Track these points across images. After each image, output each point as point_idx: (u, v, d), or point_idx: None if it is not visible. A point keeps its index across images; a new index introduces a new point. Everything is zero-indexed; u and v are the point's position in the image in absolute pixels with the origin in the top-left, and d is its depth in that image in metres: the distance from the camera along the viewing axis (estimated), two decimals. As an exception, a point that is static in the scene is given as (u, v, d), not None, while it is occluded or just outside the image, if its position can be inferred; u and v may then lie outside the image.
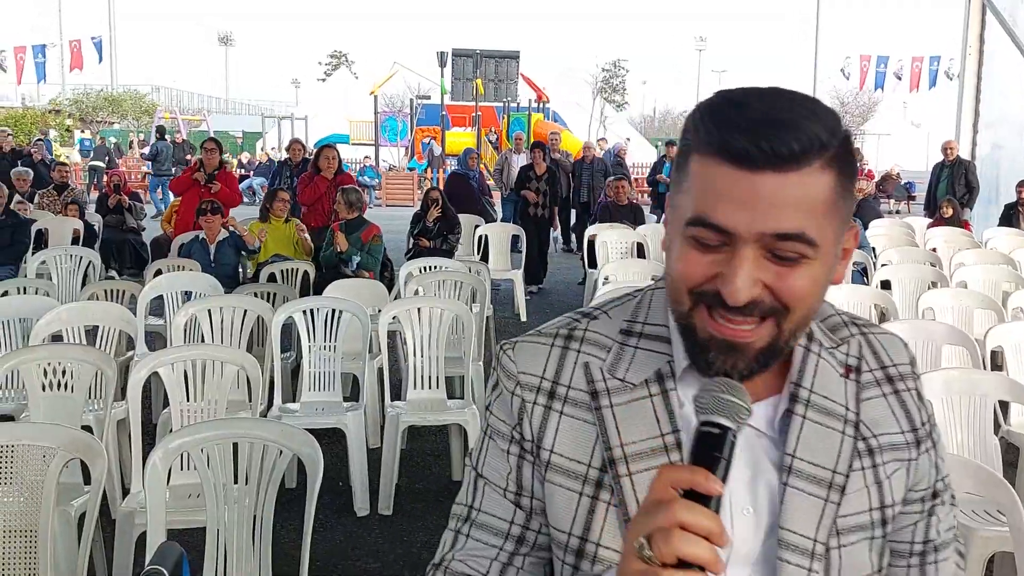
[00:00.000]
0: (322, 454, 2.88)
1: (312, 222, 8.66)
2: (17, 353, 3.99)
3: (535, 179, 10.94)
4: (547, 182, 10.92)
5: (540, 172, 10.99)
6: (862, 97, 45.16)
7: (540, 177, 10.95)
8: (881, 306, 5.98)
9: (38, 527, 2.90)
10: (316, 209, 8.94)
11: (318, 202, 8.91)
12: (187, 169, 9.63)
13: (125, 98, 42.36)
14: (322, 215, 8.83)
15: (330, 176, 9.01)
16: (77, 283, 7.22)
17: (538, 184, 10.87)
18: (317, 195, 8.90)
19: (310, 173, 9.09)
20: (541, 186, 10.87)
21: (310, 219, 8.73)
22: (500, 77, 29.51)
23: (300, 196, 8.99)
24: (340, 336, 5.01)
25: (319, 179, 8.96)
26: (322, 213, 8.85)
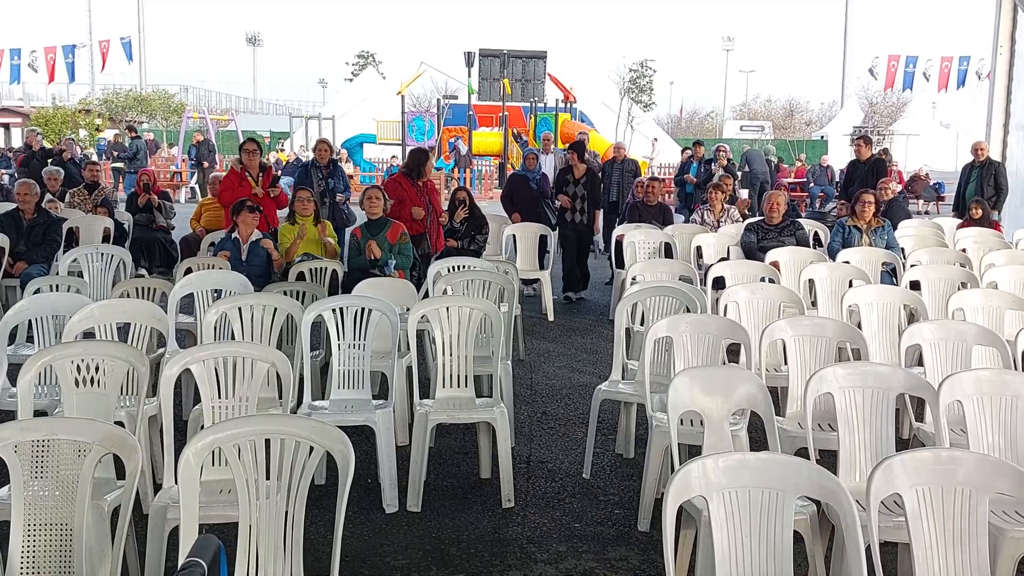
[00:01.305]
0: (352, 449, 2.92)
1: (410, 230, 7.97)
2: (51, 350, 4.04)
3: (572, 183, 10.13)
4: (585, 186, 10.11)
5: (578, 175, 10.15)
6: (891, 97, 44.74)
7: (578, 181, 10.13)
8: (911, 307, 5.94)
9: (72, 521, 2.95)
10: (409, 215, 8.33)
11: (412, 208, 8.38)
12: (232, 176, 9.26)
13: (154, 98, 42.74)
14: (419, 223, 8.35)
15: (422, 181, 8.58)
16: (108, 281, 7.30)
17: (575, 188, 10.09)
18: (419, 203, 8.37)
19: (400, 177, 8.60)
20: (579, 190, 10.08)
21: (409, 228, 8.01)
22: (527, 77, 29.52)
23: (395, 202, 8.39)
24: (369, 334, 5.04)
25: (409, 183, 8.46)
26: (420, 221, 8.36)
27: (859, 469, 3.72)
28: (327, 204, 9.84)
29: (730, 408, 3.83)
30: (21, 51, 35.88)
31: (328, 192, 9.97)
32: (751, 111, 67.24)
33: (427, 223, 8.42)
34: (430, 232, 8.52)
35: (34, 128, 19.72)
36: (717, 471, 2.68)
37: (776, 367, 5.46)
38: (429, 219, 8.45)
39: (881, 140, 34.22)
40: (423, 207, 8.37)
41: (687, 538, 3.75)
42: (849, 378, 3.79)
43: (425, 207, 8.37)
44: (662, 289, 5.73)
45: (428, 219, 8.44)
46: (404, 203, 8.36)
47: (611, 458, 5.43)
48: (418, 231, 8.24)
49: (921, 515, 2.73)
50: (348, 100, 41.04)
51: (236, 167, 9.28)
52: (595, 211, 10.25)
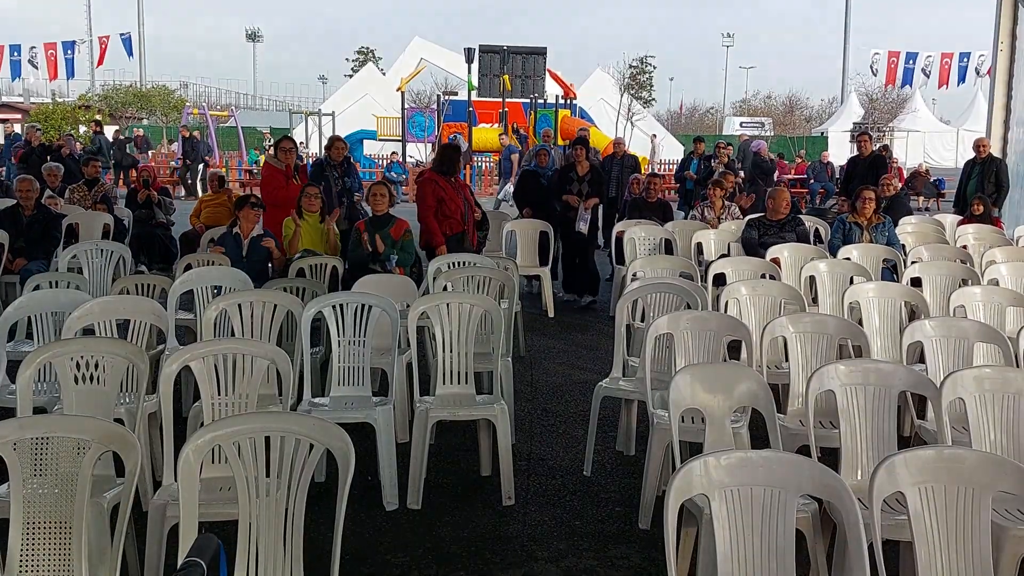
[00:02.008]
0: (353, 446, 2.90)
1: (447, 228, 7.91)
2: (50, 346, 4.03)
3: (576, 180, 9.69)
4: (590, 183, 9.70)
5: (582, 172, 9.72)
6: (891, 93, 44.69)
7: (582, 178, 9.70)
8: (912, 303, 5.93)
9: (72, 519, 2.94)
10: (453, 214, 7.98)
11: (456, 207, 8.00)
12: (278, 174, 8.78)
13: (153, 94, 42.70)
14: (459, 221, 8.01)
15: (455, 177, 8.23)
16: (108, 277, 7.28)
17: (580, 186, 9.65)
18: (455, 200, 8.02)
19: (434, 176, 8.12)
20: (583, 188, 9.64)
21: (445, 226, 7.90)
22: (527, 73, 29.46)
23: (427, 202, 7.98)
24: (369, 331, 5.03)
25: (445, 181, 8.02)
26: (459, 219, 8.02)
27: (861, 467, 3.71)
28: (344, 204, 9.46)
29: (731, 405, 3.82)
30: (21, 47, 35.89)
31: (345, 191, 9.58)
32: (751, 107, 67.22)
33: (465, 221, 8.06)
34: (468, 229, 8.15)
35: (33, 124, 19.67)
36: (719, 469, 2.67)
37: (777, 364, 5.45)
38: (467, 217, 8.08)
39: (881, 136, 34.16)
40: (459, 205, 8.02)
41: (688, 536, 3.73)
42: (851, 375, 3.78)
43: (461, 205, 8.04)
44: (663, 286, 5.72)
45: (466, 217, 8.06)
46: (444, 202, 7.91)
47: (612, 455, 5.42)
48: (457, 230, 7.95)
49: (924, 513, 2.72)
50: (348, 96, 40.99)
51: (276, 165, 8.86)
52: (597, 210, 9.96)
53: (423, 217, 7.95)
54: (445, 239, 7.81)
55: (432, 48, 41.06)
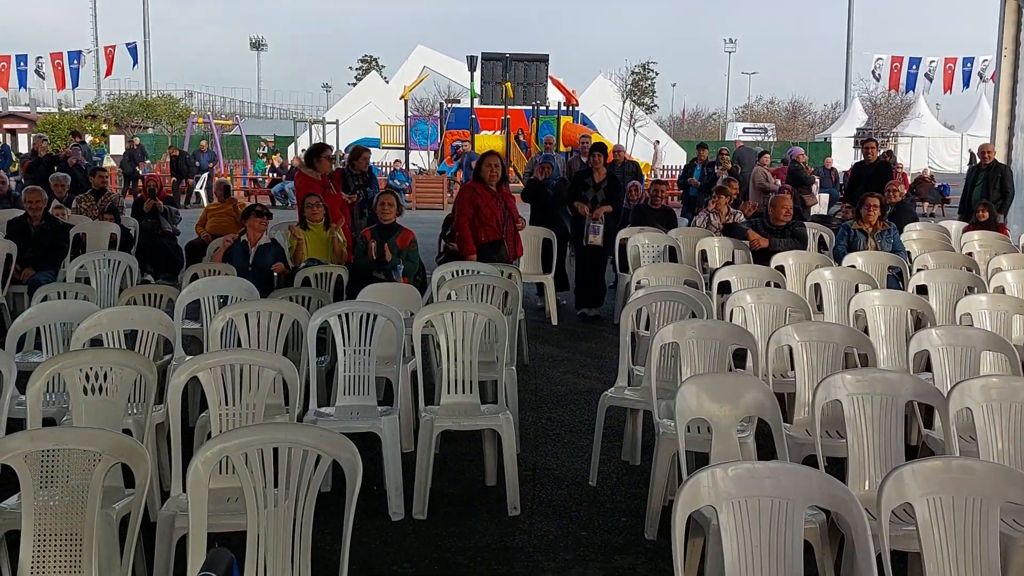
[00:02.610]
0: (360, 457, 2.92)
1: (483, 235, 7.85)
2: (59, 358, 4.05)
3: (592, 187, 9.41)
4: (606, 191, 9.42)
5: (599, 179, 9.46)
6: (895, 99, 44.69)
7: (598, 185, 9.42)
8: (918, 311, 5.92)
9: (82, 530, 2.95)
10: (489, 222, 7.90)
11: (492, 215, 7.91)
12: (315, 185, 8.45)
13: (159, 103, 42.80)
14: (495, 229, 7.92)
15: (495, 186, 8.03)
16: (115, 287, 7.30)
17: (595, 193, 9.37)
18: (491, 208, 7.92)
19: (473, 184, 8.11)
20: (599, 195, 9.37)
21: (481, 233, 7.86)
22: (529, 80, 29.53)
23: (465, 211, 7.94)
24: (375, 340, 5.04)
25: (483, 188, 7.96)
26: (496, 227, 7.92)
27: (868, 477, 3.71)
28: (366, 215, 9.25)
29: (738, 415, 3.82)
30: (28, 57, 36.01)
31: (367, 203, 9.36)
32: (754, 113, 67.26)
33: (504, 230, 7.97)
34: (507, 239, 8.05)
35: (40, 134, 19.76)
36: (726, 480, 2.68)
37: (783, 372, 5.46)
38: (506, 226, 7.98)
39: (885, 142, 34.15)
40: (496, 213, 7.91)
41: (695, 547, 3.74)
42: (857, 385, 3.78)
43: (501, 213, 7.93)
44: (668, 294, 5.73)
45: (505, 226, 7.97)
46: (480, 210, 7.88)
47: (617, 465, 5.42)
48: (493, 237, 7.89)
49: (932, 524, 2.72)
50: (351, 104, 41.10)
51: (311, 175, 8.63)
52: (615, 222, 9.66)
53: (458, 225, 7.98)
54: (479, 246, 7.79)
55: (435, 56, 41.18)
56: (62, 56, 35.79)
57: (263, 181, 26.66)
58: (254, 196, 24.64)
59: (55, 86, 36.95)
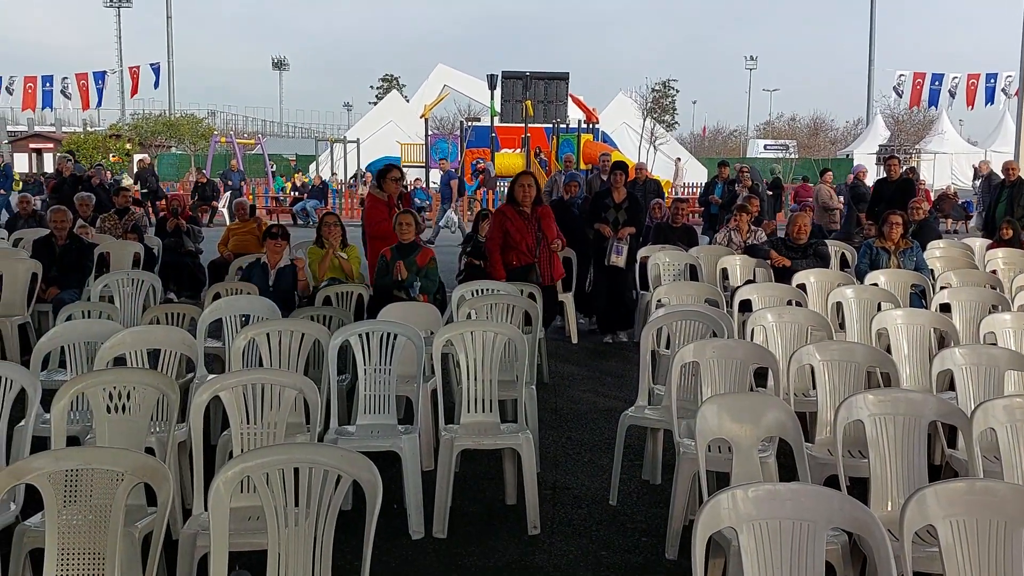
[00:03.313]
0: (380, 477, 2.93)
1: (514, 260, 7.74)
2: (83, 377, 4.09)
3: (612, 207, 9.11)
4: (627, 211, 9.10)
5: (619, 199, 9.14)
6: (917, 115, 44.50)
7: (619, 205, 9.11)
8: (941, 330, 5.88)
9: (105, 548, 2.98)
10: (518, 246, 7.74)
11: (521, 239, 7.76)
12: (381, 206, 8.48)
13: (182, 123, 43.25)
14: (525, 253, 7.78)
15: (529, 207, 7.85)
16: (138, 306, 7.37)
17: (616, 214, 9.07)
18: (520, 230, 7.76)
19: (504, 207, 7.98)
20: (620, 216, 9.06)
21: (512, 257, 7.76)
22: (550, 98, 29.59)
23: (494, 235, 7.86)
24: (395, 359, 5.06)
25: (514, 212, 7.81)
26: (526, 251, 7.77)
27: (891, 498, 3.68)
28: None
29: (759, 435, 3.80)
30: (53, 78, 36.52)
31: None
32: (775, 130, 67.10)
33: (536, 253, 7.81)
34: (540, 262, 7.84)
35: (65, 155, 19.99)
36: (747, 502, 2.66)
37: (804, 391, 5.42)
38: (539, 249, 7.81)
39: (908, 159, 33.97)
40: (530, 237, 7.76)
41: (716, 567, 3.72)
42: (880, 405, 3.76)
43: (533, 237, 7.77)
44: (688, 313, 5.71)
45: (538, 249, 7.80)
46: (511, 234, 7.78)
47: (638, 484, 5.40)
48: (524, 261, 7.75)
49: (955, 547, 2.70)
50: (372, 123, 41.36)
51: (379, 196, 8.64)
52: (636, 242, 9.32)
53: (488, 249, 7.98)
54: (510, 271, 7.69)
55: (455, 75, 41.40)
56: (87, 76, 36.27)
57: (285, 200, 26.82)
58: (276, 215, 24.80)
59: (80, 106, 37.43)
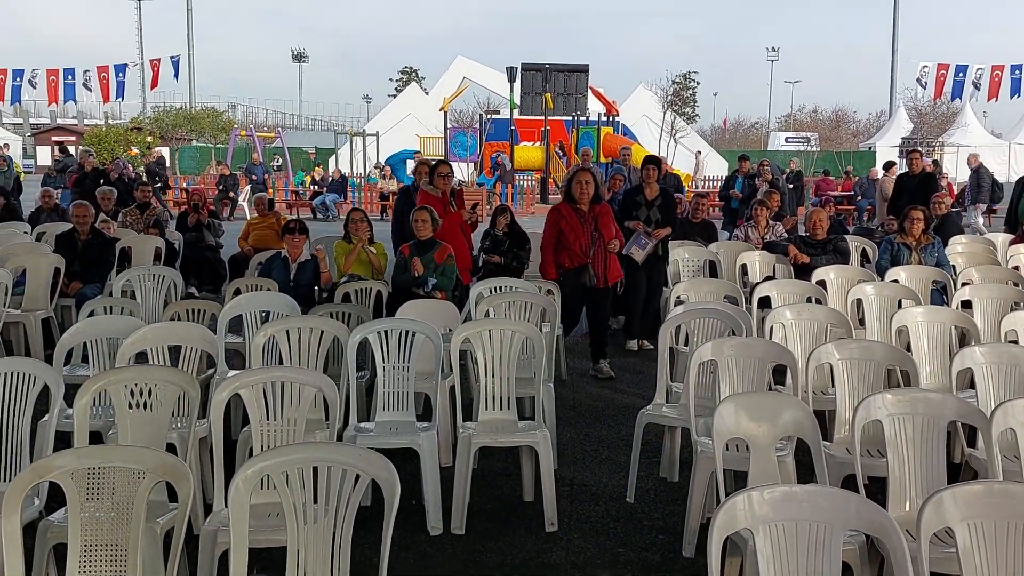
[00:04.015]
0: (397, 475, 2.95)
1: (566, 260, 7.45)
2: (105, 374, 4.14)
3: (644, 205, 8.66)
4: (660, 208, 8.63)
5: (651, 196, 8.67)
6: (940, 107, 44.09)
7: (651, 203, 8.64)
8: (961, 327, 5.85)
9: (127, 543, 3.02)
10: (571, 246, 7.41)
11: (574, 239, 7.44)
12: (435, 202, 8.08)
13: (202, 116, 43.47)
14: (578, 254, 7.43)
15: (586, 206, 7.49)
16: (160, 301, 7.44)
17: (648, 211, 8.63)
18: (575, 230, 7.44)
19: (563, 206, 7.62)
20: (652, 214, 8.61)
21: (564, 258, 7.46)
22: (569, 91, 29.56)
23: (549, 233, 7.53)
24: (413, 357, 5.08)
25: (570, 210, 7.47)
26: (579, 252, 7.42)
27: (909, 499, 3.68)
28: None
29: (776, 435, 3.80)
30: (75, 71, 36.76)
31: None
32: (797, 122, 66.71)
33: (591, 254, 7.45)
34: (595, 263, 7.48)
35: (87, 149, 20.15)
36: (763, 504, 2.67)
37: (823, 389, 5.41)
38: (593, 249, 7.45)
39: (931, 151, 33.69)
40: (580, 236, 7.41)
41: (733, 566, 3.72)
42: (898, 405, 3.74)
43: (583, 236, 7.41)
44: (707, 311, 5.71)
45: (592, 250, 7.45)
46: (564, 233, 7.46)
47: (655, 482, 5.41)
48: (578, 263, 7.42)
49: (973, 549, 2.70)
50: (392, 116, 41.41)
51: (432, 192, 8.39)
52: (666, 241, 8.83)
53: (541, 247, 7.70)
54: (562, 272, 7.43)
55: (474, 67, 41.36)
56: (108, 69, 36.47)
57: (304, 194, 26.91)
58: (295, 209, 24.90)
59: (102, 99, 37.66)
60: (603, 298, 7.61)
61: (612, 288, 7.76)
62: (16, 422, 3.97)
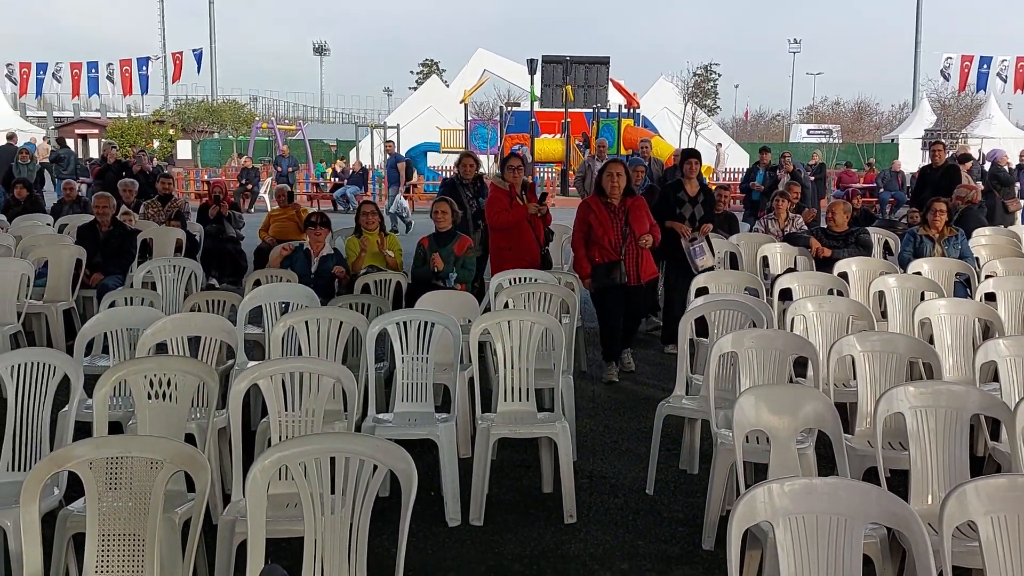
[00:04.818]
0: (415, 467, 2.94)
1: (597, 256, 7.09)
2: (125, 365, 4.15)
3: (688, 202, 8.14)
4: (704, 205, 8.21)
5: (693, 192, 8.21)
6: (964, 99, 43.64)
7: (695, 199, 8.16)
8: (985, 320, 5.78)
9: (145, 532, 3.03)
10: (600, 241, 7.08)
11: (603, 234, 7.07)
12: (502, 196, 7.83)
13: (224, 108, 43.67)
14: (608, 249, 7.06)
15: (617, 199, 7.12)
16: (180, 292, 7.47)
17: (692, 209, 8.13)
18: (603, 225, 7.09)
19: (592, 199, 7.28)
20: (697, 211, 8.14)
21: (594, 253, 7.11)
22: (590, 83, 29.49)
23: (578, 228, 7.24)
24: (432, 348, 5.08)
25: (600, 203, 7.15)
26: (608, 247, 7.07)
27: (931, 492, 3.63)
28: (480, 228, 8.43)
29: (797, 427, 3.77)
30: (99, 64, 37.01)
31: (480, 214, 8.43)
32: (819, 114, 66.23)
33: (622, 250, 7.06)
34: (626, 260, 7.08)
35: (110, 141, 20.30)
36: (783, 496, 2.64)
37: (845, 382, 5.36)
38: (624, 245, 7.06)
39: (954, 143, 33.35)
40: (610, 231, 7.05)
41: (753, 559, 3.69)
42: (921, 398, 3.70)
43: (613, 231, 7.05)
44: (728, 303, 5.66)
45: (623, 246, 7.06)
46: (593, 228, 7.12)
47: (675, 474, 5.38)
48: (608, 258, 7.05)
49: (996, 543, 2.66)
50: (412, 108, 41.43)
51: (501, 185, 7.96)
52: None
53: (572, 243, 7.46)
54: (593, 267, 7.09)
55: (495, 59, 41.30)
56: (131, 63, 36.70)
57: (325, 186, 26.97)
58: (316, 201, 24.96)
59: (124, 92, 37.90)
60: (636, 296, 7.28)
61: (647, 285, 7.49)
62: (36, 412, 3.99)
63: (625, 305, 7.24)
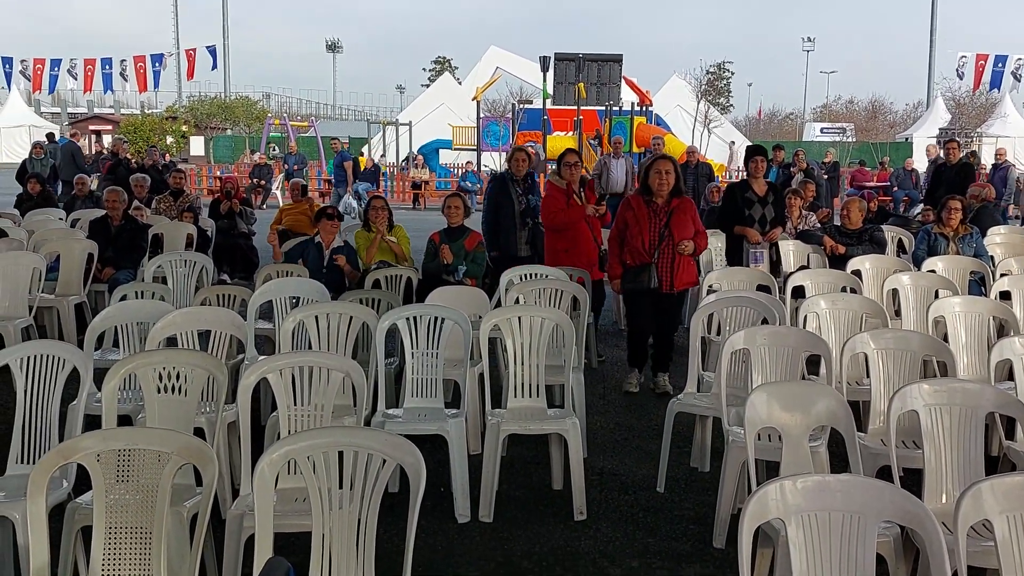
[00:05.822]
0: (424, 461, 2.92)
1: (628, 258, 6.67)
2: (134, 358, 4.14)
3: (757, 202, 7.77)
4: (774, 205, 7.83)
5: (761, 192, 7.84)
6: (979, 98, 43.37)
7: (764, 199, 7.79)
8: (1000, 318, 5.73)
9: (152, 525, 3.02)
10: (631, 242, 6.63)
11: (635, 234, 6.62)
12: (558, 194, 7.56)
13: (237, 105, 43.77)
14: (640, 252, 6.60)
15: (663, 198, 6.64)
16: (191, 287, 7.47)
17: (763, 210, 7.75)
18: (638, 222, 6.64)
19: (634, 196, 6.86)
20: (768, 212, 7.76)
21: (626, 255, 6.69)
22: (603, 80, 29.37)
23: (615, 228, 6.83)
24: (442, 343, 5.06)
25: (640, 202, 6.70)
26: (640, 250, 6.60)
27: (946, 491, 3.59)
28: (528, 226, 8.00)
29: (809, 424, 3.73)
30: (112, 60, 37.16)
31: (530, 211, 8.03)
32: (832, 113, 65.94)
33: (655, 254, 6.58)
34: (659, 264, 6.58)
35: (121, 137, 20.36)
36: (795, 494, 2.61)
37: (858, 380, 5.32)
38: (659, 249, 6.58)
39: (969, 142, 33.15)
40: (645, 232, 6.59)
41: (764, 557, 3.66)
42: (935, 395, 3.66)
43: (647, 233, 6.58)
44: (739, 299, 5.63)
45: (657, 250, 6.57)
46: (629, 227, 6.68)
47: (686, 471, 5.35)
48: (640, 261, 6.60)
49: (1012, 542, 2.62)
50: (425, 106, 41.43)
51: (558, 184, 7.67)
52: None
53: (607, 240, 7.10)
54: (624, 269, 6.70)
55: (507, 57, 41.26)
56: (145, 59, 36.83)
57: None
58: (328, 197, 24.97)
59: (138, 88, 38.05)
60: (668, 303, 6.77)
61: (682, 295, 7.08)
62: (46, 405, 3.99)
63: (654, 313, 6.71)
